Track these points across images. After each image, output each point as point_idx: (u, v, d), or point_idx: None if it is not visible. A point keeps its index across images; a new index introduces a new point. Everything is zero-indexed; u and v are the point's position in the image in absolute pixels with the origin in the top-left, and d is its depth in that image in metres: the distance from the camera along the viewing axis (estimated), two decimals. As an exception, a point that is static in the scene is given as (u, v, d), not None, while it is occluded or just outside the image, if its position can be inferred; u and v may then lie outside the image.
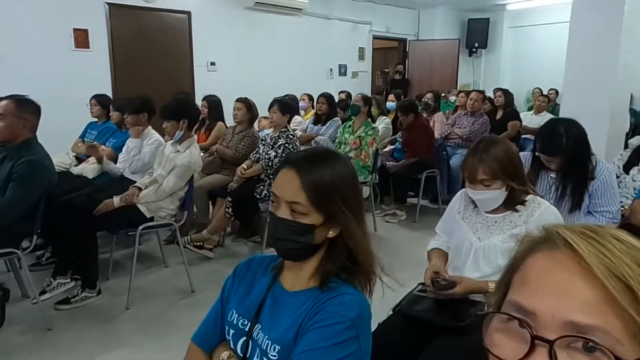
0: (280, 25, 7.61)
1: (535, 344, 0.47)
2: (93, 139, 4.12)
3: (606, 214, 2.15)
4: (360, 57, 9.01)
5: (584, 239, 0.49)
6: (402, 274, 1.41)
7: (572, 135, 2.07)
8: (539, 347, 0.47)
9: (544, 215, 1.64)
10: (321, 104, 5.24)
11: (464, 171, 1.70)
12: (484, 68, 10.35)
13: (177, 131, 3.16)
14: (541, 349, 0.47)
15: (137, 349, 2.49)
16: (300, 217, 0.99)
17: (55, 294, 2.95)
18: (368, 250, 1.04)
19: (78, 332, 2.63)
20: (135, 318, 2.81)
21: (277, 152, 3.68)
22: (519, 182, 1.65)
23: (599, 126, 3.25)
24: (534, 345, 0.47)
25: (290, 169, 1.00)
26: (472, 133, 5.11)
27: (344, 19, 8.50)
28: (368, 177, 4.46)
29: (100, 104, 4.17)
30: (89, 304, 2.90)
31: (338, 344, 0.93)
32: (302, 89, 6.52)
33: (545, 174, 2.22)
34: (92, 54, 5.80)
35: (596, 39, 3.58)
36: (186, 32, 6.63)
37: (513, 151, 1.66)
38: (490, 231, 1.72)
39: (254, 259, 1.18)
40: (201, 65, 6.80)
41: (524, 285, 0.52)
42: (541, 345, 0.47)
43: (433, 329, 1.60)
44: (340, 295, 0.98)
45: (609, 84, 3.55)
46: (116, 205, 2.94)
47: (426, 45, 9.76)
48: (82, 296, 2.89)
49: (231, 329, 1.09)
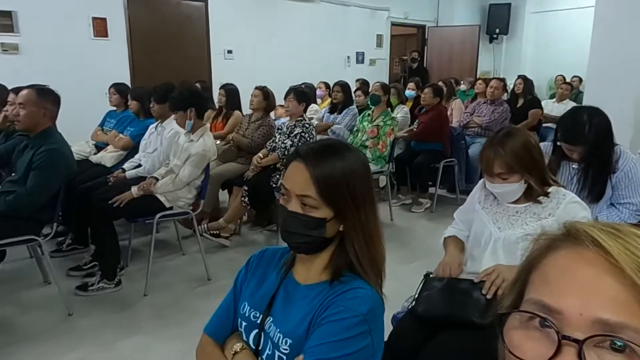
0: (298, 12, 7.54)
1: (562, 343, 0.45)
2: (112, 127, 4.16)
3: (629, 205, 2.09)
4: (378, 44, 8.89)
5: (609, 236, 0.48)
6: (418, 263, 1.40)
7: (596, 123, 2.00)
8: (566, 347, 0.45)
9: (569, 207, 1.60)
10: (336, 92, 5.20)
11: (481, 163, 1.66)
12: (505, 55, 10.12)
13: (186, 121, 3.16)
14: (569, 349, 0.45)
15: (154, 336, 2.54)
16: (311, 210, 0.98)
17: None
18: (379, 243, 1.03)
19: (98, 318, 2.69)
20: (153, 305, 2.86)
21: (293, 141, 3.67)
22: (539, 175, 1.60)
23: (624, 115, 3.15)
24: (561, 345, 0.45)
25: (299, 161, 0.99)
26: (492, 122, 5.01)
27: (362, 5, 8.37)
28: (385, 166, 4.42)
29: (119, 93, 4.21)
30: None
31: (350, 339, 0.92)
32: (320, 77, 6.48)
33: (567, 164, 2.16)
34: (110, 43, 5.84)
35: (622, 24, 3.46)
36: (203, 20, 6.63)
37: (532, 143, 1.60)
38: (511, 222, 1.68)
39: (267, 251, 1.17)
40: (218, 53, 6.80)
41: (547, 283, 0.50)
42: (569, 345, 0.45)
43: (442, 324, 1.58)
44: (352, 289, 0.97)
45: (635, 72, 3.43)
46: (135, 196, 2.98)
47: (446, 31, 9.57)
48: (99, 286, 2.94)
49: (243, 321, 1.09)
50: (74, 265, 3.22)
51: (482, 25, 9.57)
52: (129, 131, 3.98)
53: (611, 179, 2.08)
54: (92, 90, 5.07)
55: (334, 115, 5.21)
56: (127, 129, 4.02)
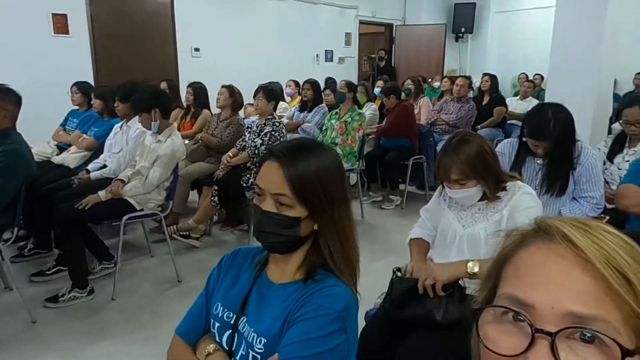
0: (266, 10, 7.49)
1: (535, 337, 0.46)
2: (75, 127, 4.03)
3: (590, 199, 2.17)
4: (346, 43, 8.93)
5: (579, 231, 0.49)
6: (390, 259, 1.41)
7: (560, 119, 2.07)
8: (539, 340, 0.46)
9: (522, 197, 1.66)
10: (306, 90, 5.19)
11: (439, 170, 1.70)
12: (471, 53, 10.34)
13: (152, 122, 3.09)
14: (542, 341, 0.46)
15: (124, 340, 2.47)
16: (285, 209, 0.97)
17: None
18: (353, 242, 1.03)
19: (64, 325, 2.60)
20: (122, 309, 2.78)
21: (263, 139, 3.64)
22: (493, 178, 1.65)
23: (584, 111, 3.26)
24: (535, 338, 0.46)
25: (274, 160, 0.98)
26: (459, 119, 5.12)
27: (330, 4, 8.39)
28: (355, 164, 4.45)
29: (82, 92, 4.07)
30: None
31: (325, 336, 0.92)
32: (289, 75, 6.45)
33: (531, 159, 2.22)
34: (72, 40, 5.65)
35: (581, 23, 3.58)
36: (169, 17, 6.49)
37: (485, 149, 1.64)
38: (474, 219, 1.73)
39: (240, 250, 1.16)
40: (185, 51, 6.67)
41: (519, 278, 0.51)
42: (542, 338, 0.46)
43: (411, 327, 1.59)
44: (327, 287, 0.97)
45: (594, 69, 3.56)
46: (103, 199, 2.89)
47: (413, 30, 9.70)
48: (71, 296, 2.82)
49: (216, 322, 1.08)
50: (37, 271, 3.10)
51: (448, 24, 9.74)
52: (92, 131, 3.86)
53: (573, 173, 2.15)
54: (53, 89, 4.90)
55: (304, 113, 5.20)
56: (90, 128, 3.90)
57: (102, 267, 3.16)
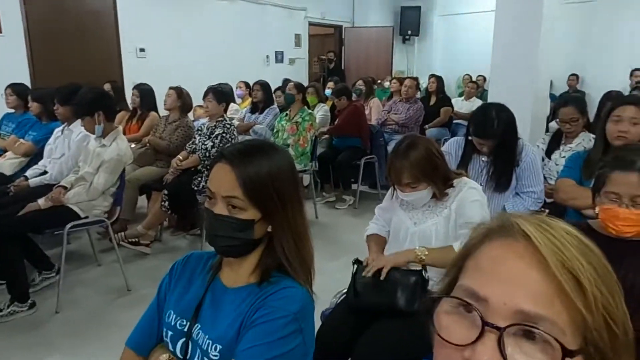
0: (213, 10, 7.36)
1: (485, 329, 0.48)
2: (10, 131, 3.80)
3: (532, 194, 2.29)
4: (296, 44, 8.94)
5: (539, 231, 0.50)
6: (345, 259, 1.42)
7: (503, 119, 2.17)
8: (488, 333, 0.47)
9: (468, 191, 1.74)
10: (257, 92, 5.15)
11: (390, 175, 1.76)
12: (417, 55, 10.62)
13: (95, 126, 2.96)
14: (490, 335, 0.47)
15: (71, 354, 2.36)
16: (237, 212, 0.96)
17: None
18: (308, 242, 1.03)
19: (4, 341, 2.44)
20: (67, 322, 2.65)
21: (214, 142, 3.58)
22: (441, 179, 1.73)
23: (523, 110, 3.41)
24: (484, 331, 0.48)
25: (225, 163, 0.97)
26: (408, 119, 5.25)
27: (278, 5, 8.36)
28: (308, 164, 4.46)
29: (17, 94, 3.84)
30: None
31: (282, 339, 0.92)
32: (239, 77, 6.37)
33: (477, 157, 2.32)
34: (5, 39, 5.31)
35: (519, 27, 3.75)
36: (112, 15, 6.23)
37: (433, 152, 1.71)
38: (425, 216, 1.81)
39: (192, 255, 1.14)
40: (130, 51, 6.44)
41: (478, 271, 0.52)
42: (491, 332, 0.47)
43: (374, 314, 1.64)
44: (281, 289, 0.97)
45: (531, 71, 3.74)
46: (43, 207, 2.74)
47: (361, 32, 9.85)
48: (10, 310, 2.65)
49: (169, 331, 1.05)
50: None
51: (395, 26, 9.96)
52: (30, 135, 3.65)
53: (516, 170, 2.27)
54: (-15, 91, 4.60)
55: (256, 115, 5.16)
56: (28, 133, 3.68)
57: (42, 278, 3.00)
